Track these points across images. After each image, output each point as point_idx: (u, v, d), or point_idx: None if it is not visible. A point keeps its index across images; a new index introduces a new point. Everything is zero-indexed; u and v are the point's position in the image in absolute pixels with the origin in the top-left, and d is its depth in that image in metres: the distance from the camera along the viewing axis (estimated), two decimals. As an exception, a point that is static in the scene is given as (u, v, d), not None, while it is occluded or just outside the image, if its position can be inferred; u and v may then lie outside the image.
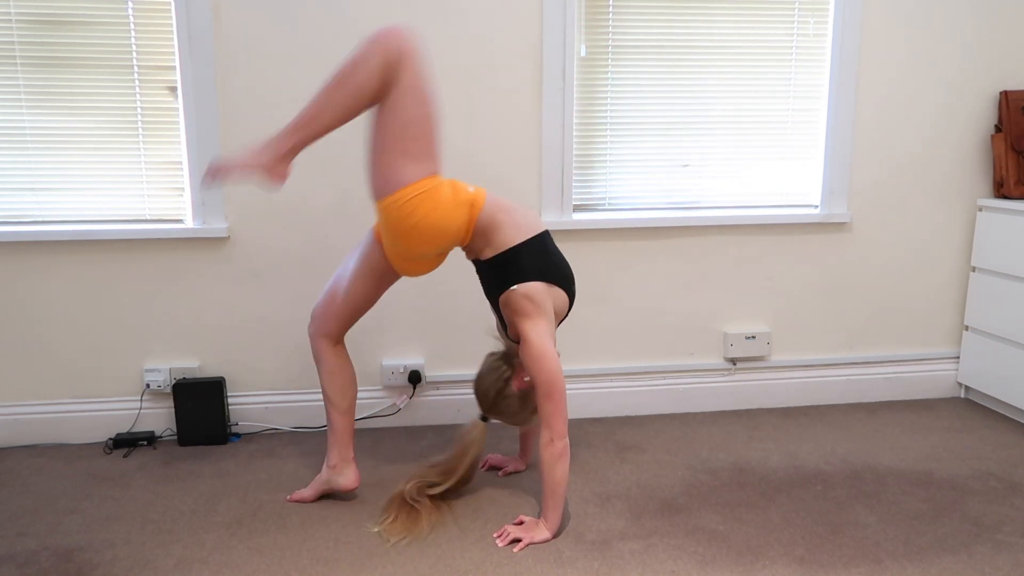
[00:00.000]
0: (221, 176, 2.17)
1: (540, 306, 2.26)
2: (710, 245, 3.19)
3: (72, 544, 2.25)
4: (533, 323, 2.25)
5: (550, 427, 2.22)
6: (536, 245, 2.30)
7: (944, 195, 3.31)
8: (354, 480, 2.48)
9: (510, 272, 2.28)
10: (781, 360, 3.32)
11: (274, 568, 2.13)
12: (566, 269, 2.37)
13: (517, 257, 2.28)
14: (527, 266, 2.27)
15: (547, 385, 2.22)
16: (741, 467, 2.75)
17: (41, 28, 2.73)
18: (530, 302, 2.25)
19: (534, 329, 2.24)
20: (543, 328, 2.25)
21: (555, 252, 2.36)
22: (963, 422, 3.16)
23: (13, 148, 2.80)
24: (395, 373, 3.08)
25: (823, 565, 2.15)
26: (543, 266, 2.29)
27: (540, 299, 2.26)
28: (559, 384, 2.22)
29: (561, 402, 2.23)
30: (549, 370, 2.22)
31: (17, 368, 2.92)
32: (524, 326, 2.25)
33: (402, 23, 2.10)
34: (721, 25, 3.06)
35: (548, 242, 2.35)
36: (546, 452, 2.23)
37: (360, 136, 2.92)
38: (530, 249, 2.29)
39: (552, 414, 2.22)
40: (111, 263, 2.89)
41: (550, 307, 2.29)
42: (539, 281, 2.27)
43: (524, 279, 2.26)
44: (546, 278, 2.29)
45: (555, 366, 2.23)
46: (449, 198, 2.21)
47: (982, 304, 3.27)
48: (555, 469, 2.23)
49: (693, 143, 3.14)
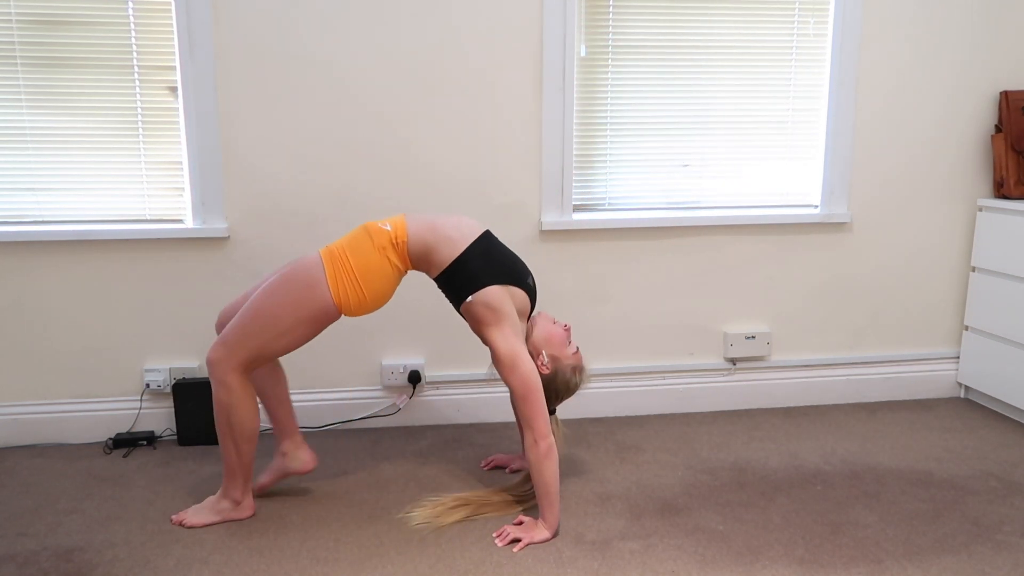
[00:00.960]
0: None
1: (499, 310, 2.26)
2: (710, 245, 3.19)
3: (72, 544, 2.25)
4: (497, 330, 2.26)
5: (531, 428, 2.23)
6: (476, 250, 2.30)
7: (944, 195, 3.31)
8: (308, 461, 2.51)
9: (461, 283, 2.28)
10: (781, 360, 3.32)
11: (274, 568, 2.13)
12: (515, 265, 2.35)
13: (462, 268, 2.28)
14: (475, 273, 2.27)
15: (522, 388, 2.22)
16: (741, 467, 2.75)
17: (41, 28, 2.73)
18: (489, 309, 2.26)
19: (498, 336, 2.25)
20: (507, 332, 2.25)
21: (500, 251, 2.35)
22: (963, 422, 3.16)
23: (13, 148, 2.80)
24: (395, 373, 3.08)
25: (823, 565, 2.15)
26: (490, 269, 2.29)
27: (498, 303, 2.26)
28: (535, 385, 2.23)
29: (539, 403, 2.23)
30: (522, 373, 2.22)
31: (17, 368, 2.92)
32: (488, 335, 2.27)
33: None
34: (721, 25, 3.06)
35: (490, 243, 2.34)
36: (532, 453, 2.23)
37: (360, 136, 2.92)
38: (472, 256, 2.28)
39: (532, 415, 2.22)
40: (111, 263, 2.89)
41: (511, 308, 2.29)
42: (492, 285, 2.27)
43: (477, 287, 2.26)
44: (498, 280, 2.29)
45: (527, 368, 2.23)
46: (367, 246, 2.26)
47: (982, 304, 3.27)
48: (543, 469, 2.23)
49: (693, 143, 3.14)
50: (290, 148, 2.90)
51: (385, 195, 2.97)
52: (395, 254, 2.28)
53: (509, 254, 2.37)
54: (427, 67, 2.91)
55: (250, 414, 2.30)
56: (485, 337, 2.29)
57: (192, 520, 2.34)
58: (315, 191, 2.94)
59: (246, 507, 2.39)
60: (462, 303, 2.30)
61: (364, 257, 2.24)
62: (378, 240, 2.26)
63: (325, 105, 2.89)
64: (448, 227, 2.31)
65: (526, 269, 2.39)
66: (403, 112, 2.93)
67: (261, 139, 2.88)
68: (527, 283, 2.37)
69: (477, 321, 2.29)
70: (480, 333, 2.31)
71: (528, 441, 2.24)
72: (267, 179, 2.91)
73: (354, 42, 2.86)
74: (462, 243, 2.29)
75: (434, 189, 3.00)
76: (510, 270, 2.32)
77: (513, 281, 2.32)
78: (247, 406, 2.29)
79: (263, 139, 2.88)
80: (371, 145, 2.93)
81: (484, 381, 3.15)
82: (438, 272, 2.31)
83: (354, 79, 2.88)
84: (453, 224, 2.32)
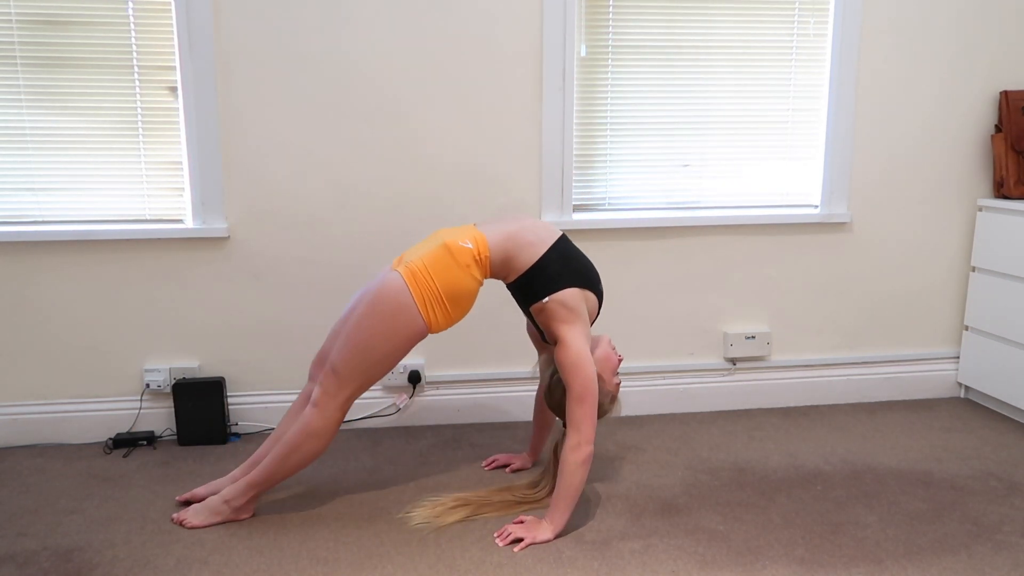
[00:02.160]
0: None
1: (576, 310, 2.27)
2: (710, 245, 3.19)
3: (72, 544, 2.25)
4: (570, 327, 2.26)
5: (579, 431, 2.23)
6: (555, 254, 2.31)
7: (944, 195, 3.31)
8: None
9: (538, 287, 2.29)
10: (781, 360, 3.32)
11: (274, 568, 2.13)
12: (591, 270, 2.37)
13: (541, 272, 2.29)
14: (553, 276, 2.28)
15: (582, 390, 2.23)
16: (741, 467, 2.75)
17: (41, 28, 2.73)
18: (566, 309, 2.27)
19: (571, 333, 2.25)
20: (579, 332, 2.26)
21: (577, 255, 2.36)
22: (963, 422, 3.16)
23: (13, 148, 2.80)
24: (395, 373, 3.08)
25: (823, 565, 2.15)
26: (569, 272, 2.30)
27: (574, 304, 2.27)
28: (593, 389, 2.24)
29: (593, 407, 2.24)
30: (585, 376, 2.23)
31: (17, 368, 2.92)
32: (562, 331, 2.27)
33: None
34: (721, 25, 3.06)
35: (568, 247, 2.36)
36: (572, 455, 2.23)
37: (360, 136, 2.92)
38: (551, 260, 2.30)
39: (583, 418, 2.23)
40: (111, 263, 2.89)
41: (584, 311, 2.30)
42: (571, 287, 2.28)
43: (554, 289, 2.27)
44: (576, 283, 2.30)
45: (591, 372, 2.24)
46: (451, 265, 2.26)
47: (982, 304, 3.27)
48: (576, 472, 2.23)
49: (693, 143, 3.14)
50: (290, 148, 2.90)
51: (385, 195, 2.97)
52: (478, 270, 2.29)
53: (585, 259, 2.38)
54: (427, 67, 2.91)
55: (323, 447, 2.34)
56: (557, 333, 2.28)
57: (192, 521, 2.34)
58: (315, 191, 2.94)
59: (246, 510, 2.39)
60: (536, 303, 2.30)
61: (450, 277, 2.25)
62: (461, 259, 2.27)
63: (325, 105, 2.89)
64: (526, 232, 2.32)
65: (599, 276, 2.40)
66: (403, 112, 2.93)
67: (261, 139, 2.88)
68: (599, 289, 2.39)
69: (551, 318, 2.29)
70: (551, 329, 2.31)
71: (571, 442, 2.24)
72: (267, 179, 2.91)
73: (354, 43, 2.86)
74: (541, 247, 2.30)
75: (434, 189, 3.00)
76: (587, 275, 2.34)
77: (589, 286, 2.33)
78: (327, 441, 2.32)
79: (263, 139, 2.88)
80: (372, 145, 2.93)
81: (484, 381, 3.15)
82: (516, 277, 2.32)
83: (354, 80, 2.88)
84: (531, 228, 2.34)
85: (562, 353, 2.26)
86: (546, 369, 2.45)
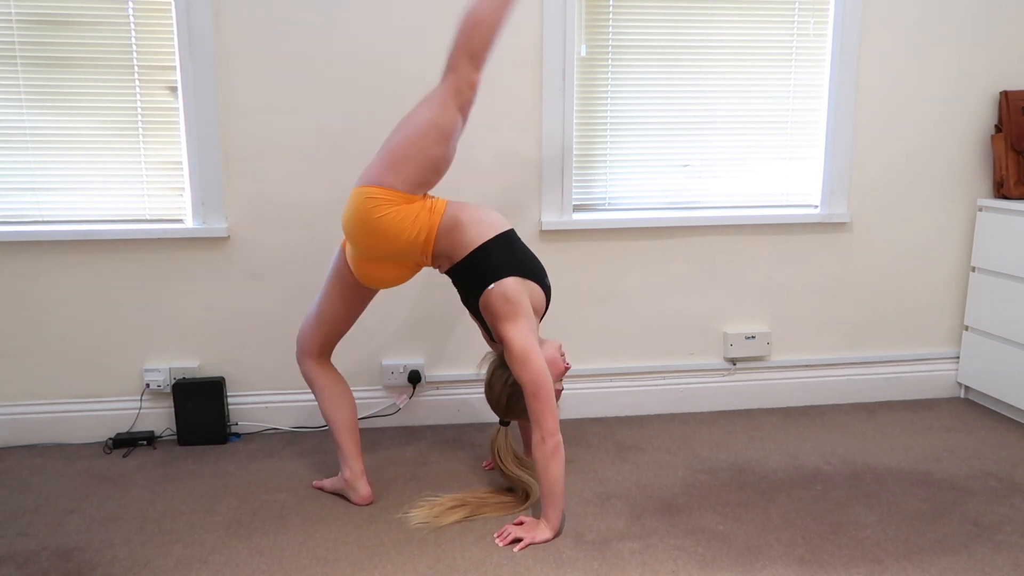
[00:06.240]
0: None
1: (517, 305, 2.26)
2: (710, 245, 3.19)
3: (72, 544, 2.25)
4: (512, 324, 2.25)
5: (540, 426, 2.22)
6: (503, 241, 2.31)
7: (944, 195, 3.31)
8: (365, 497, 2.48)
9: (481, 271, 2.29)
10: (781, 360, 3.32)
11: (274, 568, 2.13)
12: (535, 263, 2.38)
13: (486, 255, 2.29)
14: (497, 262, 2.28)
15: (533, 385, 2.22)
16: (741, 467, 2.75)
17: (41, 28, 2.73)
18: (507, 302, 2.26)
19: (514, 330, 2.25)
20: (523, 328, 2.26)
21: (522, 247, 2.37)
22: (963, 422, 3.16)
23: (13, 148, 2.80)
24: (395, 373, 3.08)
25: (823, 565, 2.15)
26: (513, 260, 2.30)
27: (516, 297, 2.27)
28: (546, 382, 2.22)
29: (549, 400, 2.23)
30: (534, 370, 2.22)
31: (17, 368, 2.92)
32: (504, 329, 2.26)
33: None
34: (721, 25, 3.06)
35: (514, 239, 2.36)
36: (539, 451, 2.23)
37: (359, 137, 2.92)
38: (498, 245, 2.30)
39: (541, 413, 2.22)
40: (111, 263, 2.89)
41: (527, 303, 2.29)
42: (512, 276, 2.28)
43: (497, 276, 2.27)
44: (517, 272, 2.30)
45: (540, 365, 2.23)
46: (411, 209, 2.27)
47: (982, 304, 3.27)
48: (549, 467, 2.23)
49: (693, 143, 3.14)
50: (290, 148, 2.90)
51: (385, 195, 2.97)
52: (428, 220, 2.27)
53: (530, 253, 2.39)
54: (427, 67, 2.91)
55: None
56: (499, 331, 2.28)
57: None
58: (315, 191, 2.94)
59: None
60: (479, 295, 2.29)
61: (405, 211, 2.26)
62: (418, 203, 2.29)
63: (325, 105, 2.89)
64: (480, 212, 2.34)
65: (544, 271, 2.41)
66: (403, 112, 2.93)
67: (261, 139, 2.88)
68: (545, 283, 2.39)
69: (494, 315, 2.28)
70: (495, 327, 2.30)
71: (536, 438, 2.24)
72: (267, 179, 2.91)
73: (354, 43, 2.86)
74: (490, 230, 2.31)
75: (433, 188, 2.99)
76: (530, 266, 2.34)
77: (532, 277, 2.33)
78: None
79: (263, 139, 2.88)
80: (372, 145, 2.93)
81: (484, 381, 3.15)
82: (462, 255, 2.30)
83: (354, 80, 2.88)
84: (485, 211, 2.36)
85: (508, 352, 2.26)
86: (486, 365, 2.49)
